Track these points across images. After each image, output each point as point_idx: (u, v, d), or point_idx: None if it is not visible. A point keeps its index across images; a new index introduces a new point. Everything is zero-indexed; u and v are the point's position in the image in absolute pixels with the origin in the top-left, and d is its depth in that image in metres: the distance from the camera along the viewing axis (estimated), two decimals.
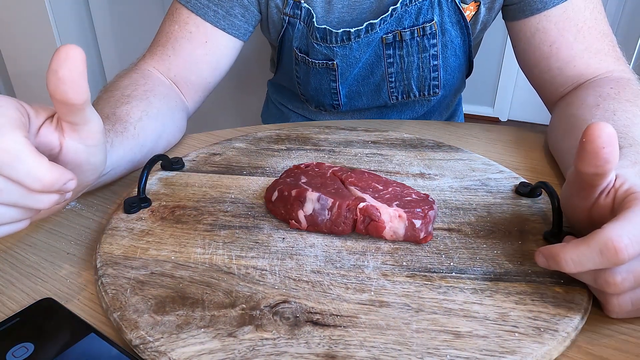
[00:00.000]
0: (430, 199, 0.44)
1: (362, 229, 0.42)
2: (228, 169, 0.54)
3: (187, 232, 0.43)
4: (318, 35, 0.68)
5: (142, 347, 0.32)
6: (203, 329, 0.33)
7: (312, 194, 0.43)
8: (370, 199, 0.42)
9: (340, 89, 0.75)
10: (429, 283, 0.37)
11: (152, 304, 0.35)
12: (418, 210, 0.41)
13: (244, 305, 0.35)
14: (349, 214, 0.42)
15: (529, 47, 0.65)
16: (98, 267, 0.39)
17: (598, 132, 0.32)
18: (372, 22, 0.66)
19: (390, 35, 0.68)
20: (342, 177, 0.47)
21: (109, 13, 1.71)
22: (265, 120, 1.01)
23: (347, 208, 0.42)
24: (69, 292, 0.38)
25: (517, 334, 0.33)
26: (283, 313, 0.34)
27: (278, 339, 0.32)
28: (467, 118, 0.99)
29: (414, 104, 0.80)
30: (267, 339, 0.32)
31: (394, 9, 0.65)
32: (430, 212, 0.42)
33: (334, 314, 0.34)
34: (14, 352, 0.32)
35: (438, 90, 0.74)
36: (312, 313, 0.34)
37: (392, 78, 0.73)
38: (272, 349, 0.31)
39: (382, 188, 0.45)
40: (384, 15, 0.66)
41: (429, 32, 0.68)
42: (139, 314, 0.34)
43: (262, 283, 0.37)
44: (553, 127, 0.60)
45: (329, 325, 0.33)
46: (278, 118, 0.95)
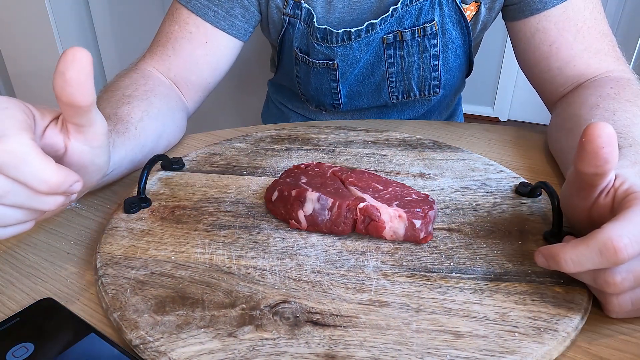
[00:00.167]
0: (430, 199, 0.44)
1: (362, 229, 0.42)
2: (228, 169, 0.54)
3: (187, 232, 0.43)
4: (318, 36, 0.68)
5: (142, 347, 0.32)
6: (203, 329, 0.33)
7: (312, 194, 0.43)
8: (370, 199, 0.42)
9: (341, 89, 0.75)
10: (429, 283, 0.37)
11: (152, 304, 0.35)
12: (418, 210, 0.41)
13: (244, 305, 0.35)
14: (349, 214, 0.42)
15: (529, 47, 0.65)
16: (98, 267, 0.39)
17: (598, 132, 0.32)
18: (372, 22, 0.66)
19: (391, 36, 0.68)
20: (342, 177, 0.47)
21: (109, 13, 1.71)
22: (266, 120, 1.01)
23: (347, 208, 0.42)
24: (69, 292, 0.38)
25: (517, 334, 0.33)
26: (283, 313, 0.34)
27: (278, 339, 0.32)
28: (467, 118, 0.99)
29: (414, 104, 0.80)
30: (267, 339, 0.32)
31: (395, 9, 0.66)
32: (430, 212, 0.42)
33: (334, 314, 0.34)
34: (14, 352, 0.32)
35: (438, 90, 0.74)
36: (312, 313, 0.34)
37: (392, 78, 0.73)
38: (272, 349, 0.31)
39: (382, 188, 0.45)
40: (385, 16, 0.66)
41: (430, 32, 0.68)
42: (139, 314, 0.34)
43: (262, 283, 0.37)
44: (553, 127, 0.60)
45: (329, 325, 0.33)
46: (278, 118, 0.95)
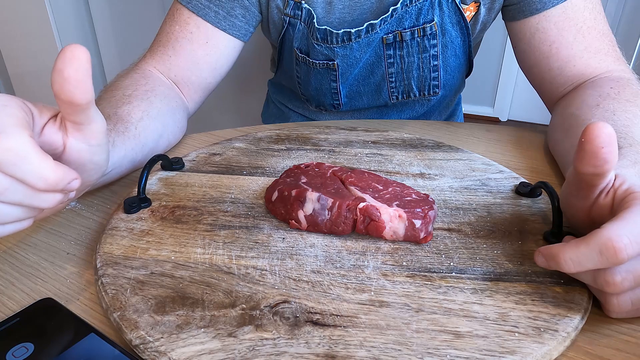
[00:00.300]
0: (430, 199, 0.44)
1: (362, 229, 0.42)
2: (228, 169, 0.54)
3: (187, 232, 0.43)
4: (319, 36, 0.68)
5: (142, 347, 0.32)
6: (203, 329, 0.33)
7: (312, 194, 0.43)
8: (370, 199, 0.42)
9: (341, 89, 0.75)
10: (429, 283, 0.37)
11: (152, 304, 0.35)
12: (418, 210, 0.41)
13: (244, 305, 0.35)
14: (349, 214, 0.42)
15: (529, 47, 0.65)
16: (98, 267, 0.39)
17: (597, 132, 0.32)
18: (372, 22, 0.66)
19: (391, 36, 0.68)
20: (342, 177, 0.47)
21: (109, 13, 1.71)
22: (265, 120, 1.01)
23: (347, 208, 0.42)
24: (69, 292, 0.38)
25: (517, 334, 0.33)
26: (283, 313, 0.34)
27: (278, 339, 0.32)
28: (467, 118, 0.99)
29: (414, 104, 0.80)
30: (267, 339, 0.32)
31: (395, 10, 0.66)
32: (430, 212, 0.42)
33: (334, 314, 0.34)
34: (14, 352, 0.32)
35: (438, 90, 0.74)
36: (312, 313, 0.34)
37: (392, 78, 0.73)
38: (272, 349, 0.31)
39: (382, 188, 0.45)
40: (385, 16, 0.66)
41: (429, 32, 0.68)
42: (139, 314, 0.34)
43: (262, 283, 0.37)
44: (553, 127, 0.60)
45: (329, 325, 0.33)
46: (278, 118, 0.95)
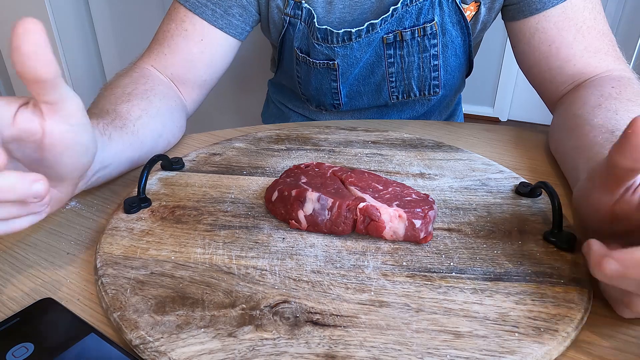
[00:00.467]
0: (430, 199, 0.44)
1: (362, 229, 0.42)
2: (228, 169, 0.54)
3: (187, 232, 0.43)
4: (319, 36, 0.68)
5: (142, 347, 0.32)
6: (203, 329, 0.33)
7: (312, 194, 0.43)
8: (370, 199, 0.42)
9: (341, 89, 0.75)
10: (429, 283, 0.37)
11: (152, 304, 0.35)
12: (418, 210, 0.41)
13: (244, 305, 0.35)
14: (349, 214, 0.42)
15: (529, 47, 0.65)
16: (98, 267, 0.39)
17: None
18: (372, 22, 0.66)
19: (391, 35, 0.68)
20: (342, 177, 0.47)
21: (109, 13, 1.71)
22: (265, 120, 1.01)
23: (347, 208, 0.42)
24: (69, 292, 0.38)
25: (517, 334, 0.33)
26: (283, 313, 0.34)
27: (278, 339, 0.32)
28: (467, 118, 0.99)
29: (414, 104, 0.80)
30: (267, 339, 0.32)
31: (395, 9, 0.66)
32: (430, 212, 0.42)
33: (334, 314, 0.34)
34: (14, 352, 0.32)
35: (438, 90, 0.74)
36: (312, 313, 0.34)
37: (392, 78, 0.73)
38: (272, 349, 0.31)
39: (382, 188, 0.45)
40: (385, 15, 0.66)
41: (430, 32, 0.68)
42: (139, 314, 0.34)
43: (262, 283, 0.37)
44: (555, 127, 0.60)
45: (329, 325, 0.33)
46: (278, 118, 0.95)
